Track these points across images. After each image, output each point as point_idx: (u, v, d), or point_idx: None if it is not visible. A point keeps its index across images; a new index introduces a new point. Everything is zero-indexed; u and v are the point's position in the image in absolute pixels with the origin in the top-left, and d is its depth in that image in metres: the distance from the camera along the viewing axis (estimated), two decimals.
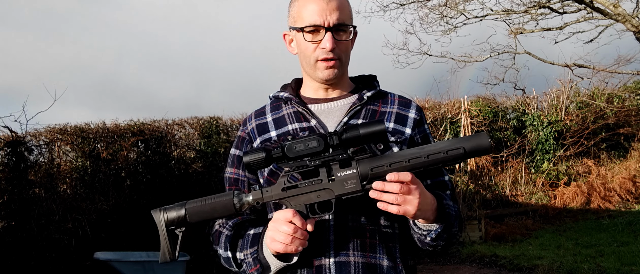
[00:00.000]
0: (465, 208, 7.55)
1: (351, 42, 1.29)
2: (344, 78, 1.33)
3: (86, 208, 6.22)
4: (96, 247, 5.45)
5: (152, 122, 7.31)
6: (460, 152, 1.07)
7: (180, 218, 1.12)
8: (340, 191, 1.09)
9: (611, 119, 9.83)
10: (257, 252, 1.14)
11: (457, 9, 8.94)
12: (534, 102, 10.12)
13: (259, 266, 1.14)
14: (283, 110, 1.31)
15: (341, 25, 1.21)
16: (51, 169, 6.39)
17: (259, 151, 1.10)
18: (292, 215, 1.06)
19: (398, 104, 1.33)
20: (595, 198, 8.86)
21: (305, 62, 1.27)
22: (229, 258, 1.22)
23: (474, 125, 9.08)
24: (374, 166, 1.07)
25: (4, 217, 5.90)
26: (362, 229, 1.17)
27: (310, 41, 1.22)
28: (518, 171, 9.47)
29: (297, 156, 1.08)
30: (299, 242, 1.06)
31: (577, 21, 8.99)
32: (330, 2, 1.20)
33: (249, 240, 1.17)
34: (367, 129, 1.06)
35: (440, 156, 1.07)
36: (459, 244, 7.01)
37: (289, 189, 1.11)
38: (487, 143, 1.07)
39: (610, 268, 5.09)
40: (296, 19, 1.24)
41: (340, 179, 1.09)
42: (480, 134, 1.09)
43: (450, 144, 1.08)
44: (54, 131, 6.56)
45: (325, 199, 1.10)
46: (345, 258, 1.15)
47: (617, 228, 7.06)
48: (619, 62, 9.34)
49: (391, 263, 1.18)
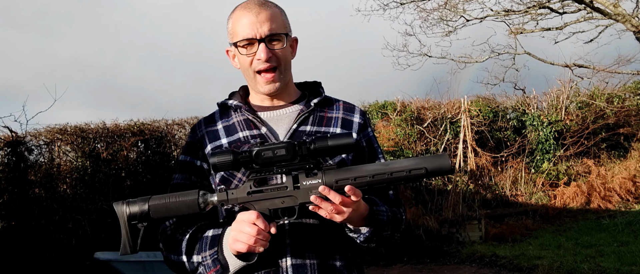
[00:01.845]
0: (465, 208, 7.56)
1: (292, 49, 1.35)
2: (289, 86, 1.37)
3: (86, 208, 6.23)
4: (96, 247, 5.45)
5: (152, 122, 7.32)
6: (422, 172, 1.11)
7: (143, 213, 1.12)
8: (304, 199, 1.12)
9: (611, 119, 9.83)
10: (217, 253, 1.15)
11: (456, 10, 8.95)
12: (534, 102, 10.12)
13: (219, 266, 1.15)
14: (233, 118, 1.34)
15: (274, 35, 1.25)
16: (51, 169, 6.40)
17: (227, 153, 1.12)
18: (256, 217, 1.09)
19: (343, 110, 1.39)
20: (595, 198, 8.86)
21: (246, 75, 1.32)
22: (183, 263, 1.21)
23: (474, 125, 9.08)
24: (339, 178, 1.11)
25: (4, 217, 5.90)
26: (315, 232, 1.22)
27: (246, 55, 1.26)
28: (518, 171, 9.47)
29: (265, 163, 1.11)
30: (261, 243, 1.09)
31: (577, 21, 9.00)
32: (260, 13, 1.24)
33: (208, 242, 1.19)
34: (335, 142, 1.11)
35: (402, 175, 1.11)
36: (459, 244, 7.02)
37: (255, 193, 1.14)
38: (448, 165, 1.12)
39: (610, 268, 5.09)
40: (232, 34, 1.28)
41: (305, 187, 1.12)
42: (442, 155, 1.13)
43: (413, 163, 1.12)
44: (54, 131, 6.57)
45: (289, 206, 1.13)
46: (301, 260, 1.20)
47: (617, 228, 7.06)
48: (619, 62, 9.36)
49: (343, 262, 1.25)
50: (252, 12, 1.24)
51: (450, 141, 9.04)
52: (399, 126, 8.97)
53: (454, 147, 8.96)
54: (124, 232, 1.13)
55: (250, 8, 1.25)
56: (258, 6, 1.25)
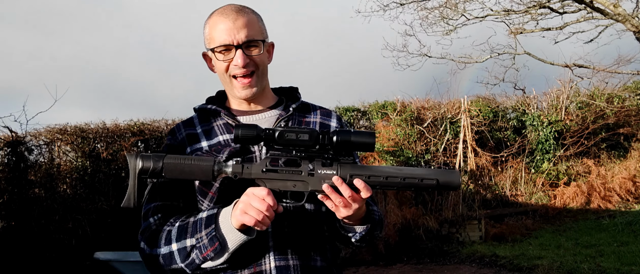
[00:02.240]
0: (465, 208, 7.56)
1: (268, 54, 1.36)
2: (266, 91, 1.39)
3: (86, 208, 6.23)
4: (96, 247, 5.45)
5: (152, 122, 7.32)
6: (433, 183, 1.15)
7: (155, 170, 1.11)
8: (315, 187, 1.13)
9: (611, 119, 9.82)
10: (214, 230, 1.13)
11: (456, 9, 8.95)
12: (534, 102, 10.12)
13: (217, 244, 1.13)
14: (212, 122, 1.35)
15: (251, 42, 1.27)
16: (51, 169, 6.40)
17: (251, 128, 1.12)
18: (267, 194, 1.09)
19: (320, 114, 1.43)
20: (595, 198, 8.86)
21: (223, 80, 1.33)
22: (172, 253, 1.17)
23: (474, 125, 9.07)
24: (354, 173, 1.13)
25: (4, 217, 5.90)
26: (297, 235, 1.25)
27: (222, 60, 1.27)
28: (518, 171, 9.47)
29: (286, 144, 1.12)
30: (267, 221, 1.09)
31: (577, 21, 9.00)
32: (237, 20, 1.25)
33: (203, 222, 1.16)
34: (358, 138, 1.13)
35: (414, 181, 1.14)
36: (459, 244, 7.02)
37: (269, 171, 1.14)
38: (458, 182, 1.16)
39: (610, 268, 5.09)
40: (209, 40, 1.29)
41: (319, 176, 1.13)
42: (453, 171, 1.17)
43: (425, 173, 1.15)
44: (54, 131, 6.57)
45: (299, 190, 1.14)
46: (284, 262, 1.22)
47: (617, 228, 7.06)
48: (619, 62, 9.35)
49: (324, 263, 1.28)
50: (229, 18, 1.25)
51: (450, 141, 9.04)
52: (399, 126, 8.97)
53: (454, 147, 8.96)
54: (132, 184, 1.12)
55: (227, 14, 1.26)
56: (235, 12, 1.26)
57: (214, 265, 1.16)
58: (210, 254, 1.13)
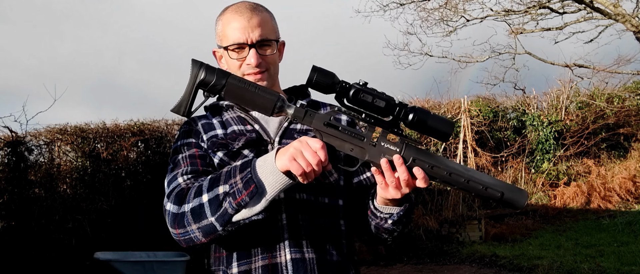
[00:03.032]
0: (465, 208, 7.56)
1: (279, 54, 1.34)
2: (276, 89, 1.37)
3: (86, 208, 6.23)
4: (96, 247, 5.45)
5: (152, 122, 7.32)
6: (497, 195, 1.06)
7: (216, 86, 1.06)
8: (373, 158, 1.06)
9: (611, 119, 9.82)
10: (250, 173, 1.05)
11: (456, 10, 8.95)
12: (534, 102, 10.12)
13: (253, 186, 1.04)
14: (225, 115, 1.34)
15: (264, 41, 1.26)
16: (51, 169, 6.40)
17: (329, 75, 1.05)
18: (320, 147, 1.02)
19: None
20: (595, 198, 8.86)
21: None
22: (202, 205, 1.08)
23: (474, 125, 9.08)
24: (418, 157, 1.05)
25: (4, 217, 5.90)
26: (313, 228, 1.21)
27: (235, 59, 1.26)
28: (518, 171, 9.47)
29: (358, 104, 1.04)
30: (313, 176, 1.03)
31: (577, 21, 9.01)
32: (252, 19, 1.24)
33: (237, 167, 1.09)
34: (436, 123, 1.05)
35: (477, 187, 1.05)
36: (459, 244, 7.02)
37: (330, 126, 1.07)
38: (522, 204, 1.07)
39: (610, 268, 5.09)
40: (221, 37, 1.28)
41: (380, 148, 1.06)
42: (521, 191, 1.07)
43: (492, 182, 1.06)
44: (54, 131, 6.57)
45: (354, 156, 1.07)
46: (300, 255, 1.18)
47: (617, 228, 7.07)
48: (619, 62, 9.37)
49: (340, 257, 1.24)
50: (243, 17, 1.24)
51: (450, 141, 9.04)
52: None
53: (454, 147, 8.97)
54: (188, 92, 1.07)
55: (242, 12, 1.25)
56: (250, 11, 1.25)
57: (250, 215, 1.06)
58: (245, 198, 1.04)
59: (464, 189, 1.07)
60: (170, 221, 1.14)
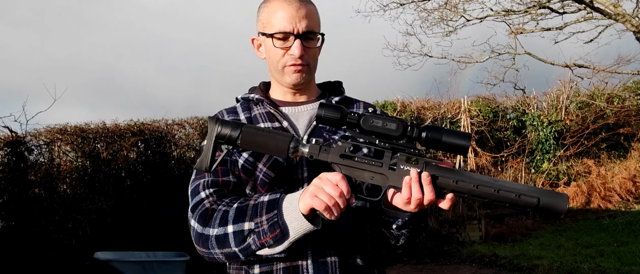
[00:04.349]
0: (465, 208, 7.56)
1: (319, 49, 1.32)
2: (312, 83, 1.36)
3: (86, 208, 6.22)
4: (96, 247, 5.45)
5: (152, 122, 7.32)
6: (533, 202, 0.99)
7: (231, 137, 1.09)
8: (395, 183, 1.05)
9: (611, 119, 9.83)
10: (276, 216, 1.06)
11: (456, 10, 8.95)
12: (534, 102, 10.12)
13: (278, 231, 1.05)
14: (255, 110, 1.32)
15: (310, 33, 1.24)
16: (51, 169, 6.39)
17: (335, 109, 1.06)
18: (340, 178, 1.02)
19: (363, 109, 1.37)
20: (595, 198, 8.86)
21: (273, 68, 1.29)
22: (227, 235, 1.10)
23: (474, 125, 9.08)
24: (440, 175, 1.02)
25: (4, 217, 5.90)
26: (336, 231, 1.18)
27: (279, 47, 1.24)
28: (518, 171, 9.47)
29: (370, 131, 1.05)
30: (338, 208, 1.01)
31: (577, 21, 9.00)
32: (300, 9, 1.22)
33: (265, 206, 1.09)
34: (450, 139, 1.03)
35: (510, 196, 1.00)
36: (459, 244, 7.02)
37: (347, 158, 1.07)
38: (564, 208, 0.99)
39: (610, 268, 5.09)
40: (265, 24, 1.26)
41: (400, 171, 1.04)
42: (561, 195, 1.00)
43: (525, 189, 1.00)
44: (54, 131, 6.57)
45: (376, 184, 1.06)
46: (322, 258, 1.17)
47: (617, 228, 7.06)
48: (619, 62, 9.35)
49: (364, 262, 1.22)
50: (292, 6, 1.22)
51: None
52: None
53: None
54: (207, 148, 1.10)
55: (291, 2, 1.23)
56: (298, 1, 1.23)
57: (271, 253, 1.08)
58: (268, 241, 1.05)
59: (496, 201, 1.02)
60: (195, 237, 1.16)
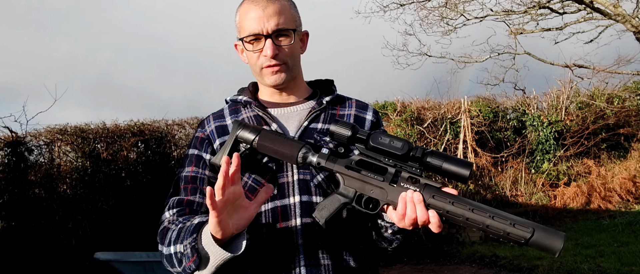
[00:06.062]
0: None
1: (302, 43, 1.30)
2: (298, 82, 1.33)
3: (86, 208, 6.23)
4: (96, 247, 5.45)
5: (152, 122, 7.32)
6: (526, 235, 0.99)
7: (249, 140, 1.17)
8: (393, 198, 1.08)
9: (611, 119, 9.82)
10: (195, 240, 1.04)
11: (456, 10, 8.95)
12: (534, 103, 10.12)
13: (195, 256, 1.02)
14: (242, 113, 1.30)
15: (281, 31, 1.21)
16: (51, 170, 6.40)
17: (347, 126, 1.10)
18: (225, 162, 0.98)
19: (356, 107, 1.35)
20: (595, 198, 8.86)
21: (253, 70, 1.28)
22: (171, 255, 1.09)
23: (474, 125, 9.08)
24: (437, 195, 1.05)
25: (4, 217, 5.90)
26: (328, 233, 1.17)
27: (252, 50, 1.22)
28: (518, 171, 9.47)
29: (377, 148, 1.09)
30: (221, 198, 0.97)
31: (577, 21, 9.00)
32: (267, 8, 1.19)
33: (191, 229, 1.07)
34: (451, 166, 1.05)
35: (504, 224, 1.01)
36: (459, 245, 7.01)
37: (352, 170, 1.12)
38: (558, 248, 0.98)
39: (610, 268, 5.09)
40: (239, 29, 1.25)
41: (400, 188, 1.09)
42: (557, 233, 0.99)
43: (521, 220, 1.01)
44: (54, 131, 6.57)
45: (374, 198, 1.10)
46: (315, 262, 1.15)
47: (617, 228, 7.06)
48: (619, 63, 9.36)
49: (357, 264, 1.20)
50: (258, 6, 1.19)
51: (451, 142, 9.04)
52: (399, 126, 8.97)
53: (454, 148, 8.97)
54: (226, 146, 1.18)
55: (258, 2, 1.20)
56: (265, 0, 1.21)
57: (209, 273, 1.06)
58: (191, 265, 1.04)
59: (490, 230, 1.02)
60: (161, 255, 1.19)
